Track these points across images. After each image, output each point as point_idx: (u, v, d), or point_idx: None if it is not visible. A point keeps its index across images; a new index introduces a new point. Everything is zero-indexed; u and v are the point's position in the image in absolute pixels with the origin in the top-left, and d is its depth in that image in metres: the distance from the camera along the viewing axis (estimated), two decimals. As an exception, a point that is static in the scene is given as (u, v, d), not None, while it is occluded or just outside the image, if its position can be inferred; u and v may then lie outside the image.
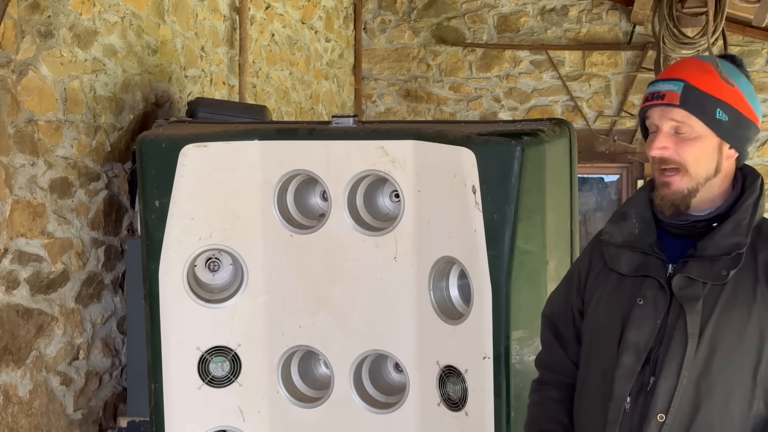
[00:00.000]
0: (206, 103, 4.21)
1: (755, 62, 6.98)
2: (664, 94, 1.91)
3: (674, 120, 1.89)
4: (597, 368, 1.97)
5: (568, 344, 2.11)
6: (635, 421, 1.87)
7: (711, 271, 1.86)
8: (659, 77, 1.97)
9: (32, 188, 3.38)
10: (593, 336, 1.98)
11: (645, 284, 1.92)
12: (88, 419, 3.77)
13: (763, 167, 7.00)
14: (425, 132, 2.80)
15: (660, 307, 1.89)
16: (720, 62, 1.97)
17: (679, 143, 1.89)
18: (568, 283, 2.15)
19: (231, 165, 2.97)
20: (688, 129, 1.89)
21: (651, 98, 1.93)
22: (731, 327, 1.84)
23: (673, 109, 1.89)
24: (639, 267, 1.95)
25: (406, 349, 2.89)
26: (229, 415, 3.08)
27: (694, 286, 1.87)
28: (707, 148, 1.91)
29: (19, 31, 3.28)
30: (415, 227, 2.82)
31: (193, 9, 4.62)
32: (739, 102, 1.93)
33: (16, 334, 3.31)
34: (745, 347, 1.83)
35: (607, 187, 8.70)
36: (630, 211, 2.03)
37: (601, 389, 1.94)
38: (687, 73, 1.93)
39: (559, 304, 2.16)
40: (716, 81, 1.92)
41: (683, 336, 1.84)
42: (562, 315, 2.13)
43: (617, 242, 2.01)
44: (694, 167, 1.89)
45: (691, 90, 1.90)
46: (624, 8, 7.11)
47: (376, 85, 7.52)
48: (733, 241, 1.87)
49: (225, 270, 3.09)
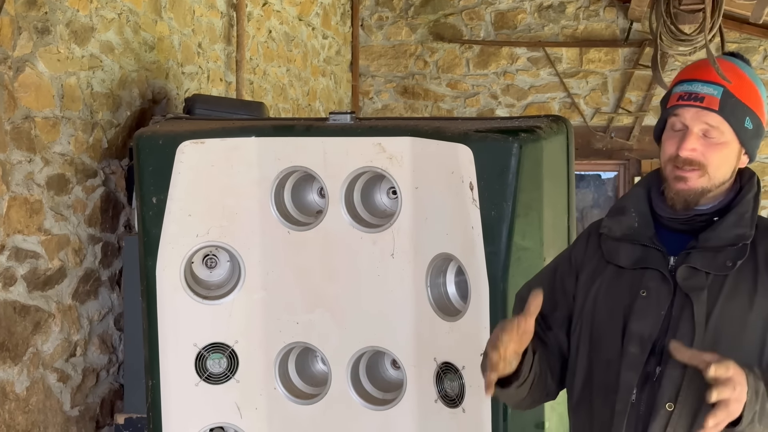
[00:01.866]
0: (203, 100, 4.21)
1: (753, 59, 6.98)
2: (704, 96, 1.91)
3: (708, 124, 1.91)
4: (600, 361, 1.97)
5: (547, 327, 2.07)
6: (642, 412, 1.88)
7: (714, 262, 1.89)
8: (695, 77, 1.96)
9: (29, 185, 3.38)
10: (594, 329, 1.98)
11: (646, 276, 1.94)
12: (85, 416, 3.77)
13: (761, 164, 7.01)
14: (422, 129, 2.80)
15: (663, 298, 1.90)
16: (739, 63, 2.00)
17: (706, 146, 1.91)
18: (558, 269, 2.13)
19: (228, 162, 2.97)
20: (719, 134, 1.91)
21: (687, 98, 1.93)
22: (734, 316, 1.86)
23: (709, 113, 1.90)
24: (639, 259, 1.96)
25: (403, 346, 2.89)
26: (227, 412, 3.08)
27: (698, 277, 1.89)
28: (731, 154, 1.94)
29: (15, 27, 3.27)
30: (412, 224, 2.82)
31: (190, 5, 4.62)
32: (762, 110, 1.98)
33: (13, 330, 3.30)
34: (747, 336, 1.85)
35: (604, 184, 8.71)
36: (628, 205, 2.05)
37: (606, 381, 1.94)
38: (726, 78, 1.94)
39: (542, 285, 2.08)
40: (749, 88, 1.95)
41: (690, 325, 1.86)
42: (547, 298, 2.07)
43: (616, 236, 2.02)
44: (714, 171, 1.92)
45: (729, 96, 1.91)
46: (621, 5, 7.11)
47: (373, 81, 7.52)
48: (737, 232, 1.90)
49: (222, 267, 3.09)
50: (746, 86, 1.95)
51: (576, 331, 2.04)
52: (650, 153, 7.02)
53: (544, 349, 2.05)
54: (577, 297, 2.06)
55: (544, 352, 2.05)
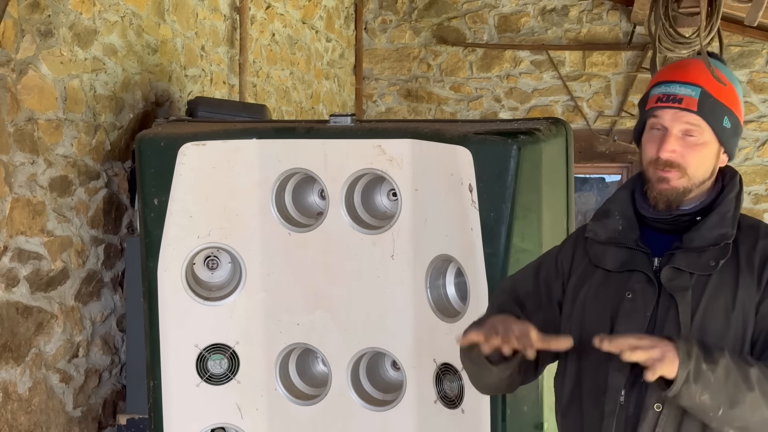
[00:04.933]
0: (206, 103, 4.23)
1: (755, 62, 6.99)
2: (682, 97, 1.93)
3: (688, 124, 1.93)
4: (589, 363, 1.98)
5: (527, 314, 2.07)
6: (631, 413, 1.90)
7: (698, 262, 1.91)
8: (673, 79, 1.98)
9: (32, 186, 3.40)
10: (582, 333, 2.00)
11: (632, 278, 1.95)
12: (88, 416, 3.78)
13: (764, 167, 7.01)
14: (422, 131, 2.81)
15: (649, 299, 1.92)
16: (716, 63, 2.02)
17: (686, 147, 1.93)
18: (542, 269, 2.13)
19: (229, 163, 2.98)
20: (698, 134, 1.93)
21: (665, 99, 1.95)
22: (718, 315, 1.88)
23: (688, 114, 1.92)
24: (625, 262, 1.98)
25: (403, 347, 2.91)
26: (228, 412, 3.10)
27: (682, 277, 1.91)
28: (710, 154, 1.96)
29: (19, 30, 3.29)
30: (412, 225, 2.83)
31: (193, 8, 4.64)
32: (739, 109, 2.00)
33: (16, 331, 3.32)
34: (731, 333, 1.87)
35: (608, 187, 8.72)
36: (612, 208, 2.06)
37: (595, 383, 1.96)
38: (703, 78, 1.96)
39: (528, 285, 2.13)
40: (726, 88, 1.97)
41: (675, 326, 1.88)
42: (531, 296, 2.10)
43: (601, 239, 2.03)
44: (694, 171, 1.94)
45: (707, 97, 1.93)
46: (624, 8, 7.12)
47: (376, 84, 7.53)
48: (719, 232, 1.92)
49: (223, 268, 3.11)
50: (723, 86, 1.96)
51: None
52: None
53: None
54: (565, 303, 2.06)
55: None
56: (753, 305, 1.88)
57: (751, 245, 1.93)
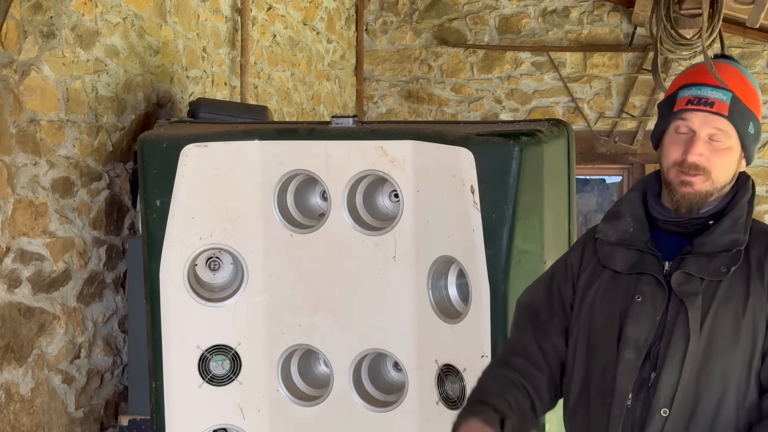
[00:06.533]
0: (207, 104, 4.23)
1: (756, 64, 7.00)
2: (714, 101, 1.92)
3: (717, 129, 1.92)
4: (597, 366, 1.98)
5: (546, 334, 2.08)
6: (638, 417, 1.89)
7: (708, 268, 1.90)
8: (704, 82, 1.96)
9: (34, 188, 3.40)
10: (591, 334, 1.99)
11: (642, 281, 1.94)
12: (90, 417, 3.79)
13: (765, 169, 7.02)
14: (424, 132, 2.82)
15: (658, 303, 1.91)
16: (739, 67, 2.01)
17: (712, 151, 1.92)
18: (555, 276, 2.13)
19: (231, 165, 2.99)
20: (725, 139, 1.92)
21: (696, 102, 1.93)
22: (727, 321, 1.87)
23: (718, 119, 1.92)
24: (635, 264, 1.97)
25: (405, 348, 2.91)
26: (229, 414, 3.10)
27: (693, 282, 1.90)
28: (733, 159, 1.95)
29: (21, 31, 3.30)
30: (414, 227, 2.84)
31: (194, 10, 4.64)
32: (761, 114, 2.00)
33: (18, 332, 3.33)
34: (740, 340, 1.86)
35: (609, 189, 8.71)
36: (623, 209, 2.05)
37: (602, 386, 1.95)
38: (733, 83, 1.95)
39: (540, 295, 2.13)
40: (752, 93, 1.97)
41: (685, 331, 1.87)
42: (544, 305, 2.11)
43: (611, 240, 2.03)
44: (718, 175, 1.93)
45: (737, 102, 1.93)
46: (625, 10, 7.12)
47: (377, 86, 7.53)
48: (731, 238, 1.91)
49: (225, 269, 3.11)
50: (750, 91, 1.97)
51: (573, 337, 2.05)
52: (654, 157, 6.94)
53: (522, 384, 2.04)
54: (575, 303, 2.06)
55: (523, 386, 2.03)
56: (764, 313, 1.87)
57: (762, 251, 1.92)
